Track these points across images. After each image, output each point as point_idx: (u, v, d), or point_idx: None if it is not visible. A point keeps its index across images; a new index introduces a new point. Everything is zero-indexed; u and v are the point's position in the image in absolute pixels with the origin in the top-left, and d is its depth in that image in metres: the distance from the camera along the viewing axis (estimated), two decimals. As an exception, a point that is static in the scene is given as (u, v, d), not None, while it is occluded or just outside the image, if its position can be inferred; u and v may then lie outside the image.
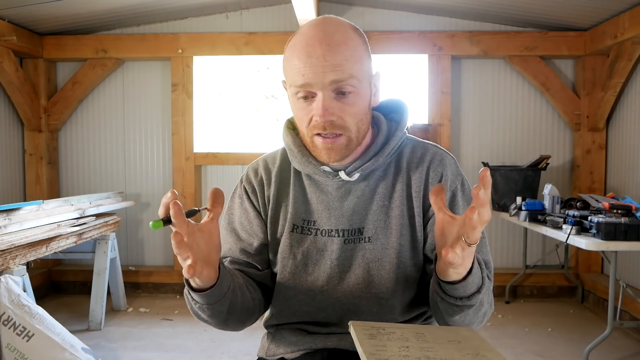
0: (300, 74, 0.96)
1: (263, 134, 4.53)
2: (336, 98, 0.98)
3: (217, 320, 1.01)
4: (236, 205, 1.15)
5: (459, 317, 0.96)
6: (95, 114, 4.13)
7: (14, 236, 2.46)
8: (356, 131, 1.01)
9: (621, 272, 3.41)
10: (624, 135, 3.63)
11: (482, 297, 0.94)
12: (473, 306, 0.93)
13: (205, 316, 0.99)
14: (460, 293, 0.91)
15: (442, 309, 0.96)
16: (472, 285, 0.90)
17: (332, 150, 1.01)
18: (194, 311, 1.00)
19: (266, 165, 1.16)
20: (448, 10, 3.79)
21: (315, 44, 0.96)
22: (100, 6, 3.50)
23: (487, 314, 1.03)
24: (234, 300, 0.99)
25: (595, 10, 3.36)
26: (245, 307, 1.04)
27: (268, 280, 1.13)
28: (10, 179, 3.88)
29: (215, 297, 0.94)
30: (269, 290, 1.13)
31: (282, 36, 3.90)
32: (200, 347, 2.95)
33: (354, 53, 0.98)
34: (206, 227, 0.89)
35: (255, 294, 1.08)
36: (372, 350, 0.84)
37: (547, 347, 2.95)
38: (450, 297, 0.92)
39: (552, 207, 3.09)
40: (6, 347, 2.20)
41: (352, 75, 0.97)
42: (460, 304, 0.92)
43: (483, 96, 3.99)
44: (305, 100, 0.99)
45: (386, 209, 1.07)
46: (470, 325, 1.00)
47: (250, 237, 1.12)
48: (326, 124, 0.98)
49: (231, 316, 1.01)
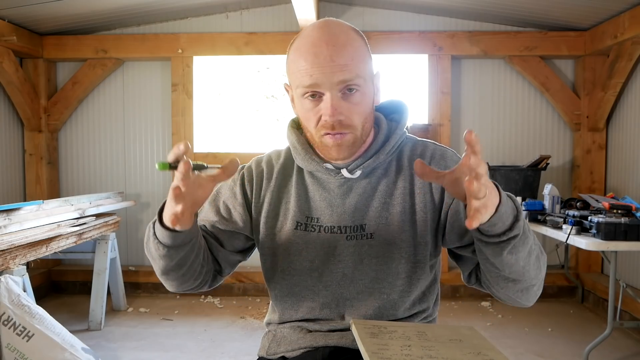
0: (308, 74, 0.99)
1: (263, 134, 4.53)
2: (343, 97, 1.00)
3: (164, 264, 1.02)
4: (227, 187, 1.17)
5: (510, 256, 0.92)
6: (95, 114, 4.13)
7: (14, 236, 2.45)
8: (361, 129, 1.04)
9: (621, 272, 3.41)
10: (624, 135, 3.63)
11: (522, 225, 0.90)
12: (518, 235, 0.90)
13: (156, 255, 1.01)
14: (499, 227, 0.87)
15: (491, 255, 0.93)
16: (507, 214, 0.87)
17: (341, 147, 1.03)
18: (148, 246, 1.03)
19: (270, 160, 1.18)
20: (448, 10, 3.79)
21: (321, 45, 0.99)
22: (100, 6, 3.50)
23: (542, 260, 0.99)
24: (189, 255, 1.01)
25: (595, 10, 3.36)
26: (192, 269, 1.06)
27: (224, 261, 1.15)
28: (10, 179, 3.88)
29: (178, 241, 0.97)
30: (219, 269, 1.16)
31: (282, 36, 3.90)
32: (200, 347, 2.95)
33: (358, 53, 1.01)
34: (205, 184, 0.90)
35: (206, 263, 1.10)
36: (374, 349, 0.85)
37: (547, 347, 2.95)
38: (494, 236, 0.89)
39: (552, 207, 3.09)
40: (6, 347, 2.19)
41: (358, 75, 1.00)
42: (505, 238, 0.89)
43: (483, 96, 4.00)
44: (312, 100, 1.02)
45: (387, 206, 1.08)
46: (525, 271, 0.96)
47: (227, 219, 1.14)
48: (335, 124, 1.00)
49: (178, 268, 1.03)
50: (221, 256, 1.14)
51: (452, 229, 1.06)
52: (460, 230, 1.05)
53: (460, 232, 1.05)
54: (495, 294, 1.06)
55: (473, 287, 1.13)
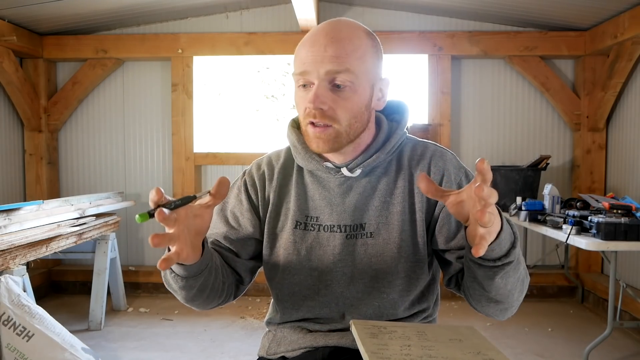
0: (302, 62, 1.01)
1: (263, 134, 4.53)
2: (331, 90, 1.00)
3: (186, 293, 1.02)
4: (233, 195, 1.17)
5: (501, 280, 0.93)
6: (95, 114, 4.13)
7: (14, 236, 2.45)
8: (347, 126, 1.03)
9: (621, 272, 3.41)
10: (624, 135, 3.63)
11: (517, 252, 0.92)
12: (512, 262, 0.91)
13: (176, 287, 1.01)
14: (497, 253, 0.89)
15: (481, 277, 0.94)
16: (505, 241, 0.89)
17: (320, 140, 1.03)
18: (166, 279, 1.02)
19: (270, 161, 1.18)
20: (448, 10, 3.79)
21: (320, 35, 1.01)
22: (101, 6, 3.50)
23: (525, 283, 1.01)
24: (207, 279, 1.01)
25: (595, 10, 3.36)
26: (215, 289, 1.06)
27: (243, 270, 1.15)
28: (10, 179, 3.88)
29: (193, 271, 0.96)
30: (240, 279, 1.15)
31: (282, 36, 3.90)
32: (200, 347, 2.95)
33: (358, 50, 1.00)
34: (202, 213, 0.88)
35: (227, 278, 1.10)
36: (374, 349, 0.85)
37: (547, 347, 2.95)
38: (489, 260, 0.90)
39: (552, 207, 3.09)
40: (6, 347, 2.19)
41: (349, 70, 0.99)
42: (500, 264, 0.90)
43: (483, 96, 3.99)
44: (303, 89, 1.03)
45: (387, 205, 1.08)
46: (510, 294, 0.98)
47: (237, 227, 1.14)
48: (317, 112, 1.00)
49: (200, 294, 1.03)
50: (239, 266, 1.14)
51: (441, 232, 1.07)
52: (449, 234, 1.06)
53: (448, 235, 1.06)
54: (472, 304, 1.08)
55: (451, 290, 1.13)
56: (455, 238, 1.06)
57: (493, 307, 1.03)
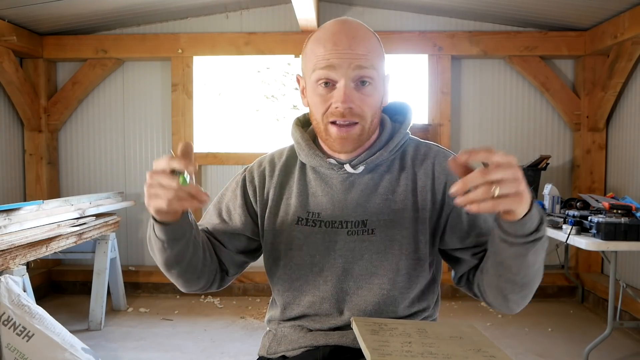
0: (325, 59, 1.02)
1: (263, 134, 4.54)
2: (356, 88, 1.03)
3: (162, 257, 1.03)
4: (231, 189, 1.19)
5: (532, 257, 0.93)
6: (95, 114, 4.13)
7: (14, 236, 2.45)
8: (370, 123, 1.06)
9: (621, 272, 3.41)
10: (624, 135, 3.63)
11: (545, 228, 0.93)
12: (542, 237, 0.92)
13: (155, 248, 1.03)
14: (528, 228, 0.89)
15: (511, 257, 0.94)
16: (535, 215, 0.89)
17: (346, 140, 1.05)
18: (150, 242, 1.05)
19: (272, 159, 1.20)
20: (448, 10, 3.80)
21: (341, 35, 1.02)
22: (101, 6, 3.50)
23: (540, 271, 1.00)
24: (184, 249, 1.02)
25: (595, 10, 3.36)
26: (192, 265, 1.07)
27: (228, 260, 1.16)
28: (10, 179, 3.88)
29: (172, 235, 0.98)
30: (226, 270, 1.17)
31: (282, 36, 3.90)
32: (200, 347, 2.95)
33: (375, 49, 1.05)
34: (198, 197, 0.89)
35: (208, 261, 1.11)
36: (375, 345, 0.85)
37: (547, 347, 2.95)
38: (521, 236, 0.90)
39: (552, 207, 3.09)
40: (6, 347, 2.19)
41: (374, 67, 1.03)
42: (532, 239, 0.90)
43: (483, 96, 4.00)
44: (325, 87, 1.04)
45: (390, 202, 1.09)
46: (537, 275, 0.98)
47: (228, 221, 1.16)
48: (345, 111, 1.02)
49: (176, 264, 1.04)
50: (224, 256, 1.15)
51: (454, 232, 1.07)
52: (462, 232, 1.07)
53: (462, 234, 1.07)
54: (487, 299, 1.07)
55: (460, 288, 1.14)
56: (470, 237, 1.06)
57: (516, 294, 1.01)
